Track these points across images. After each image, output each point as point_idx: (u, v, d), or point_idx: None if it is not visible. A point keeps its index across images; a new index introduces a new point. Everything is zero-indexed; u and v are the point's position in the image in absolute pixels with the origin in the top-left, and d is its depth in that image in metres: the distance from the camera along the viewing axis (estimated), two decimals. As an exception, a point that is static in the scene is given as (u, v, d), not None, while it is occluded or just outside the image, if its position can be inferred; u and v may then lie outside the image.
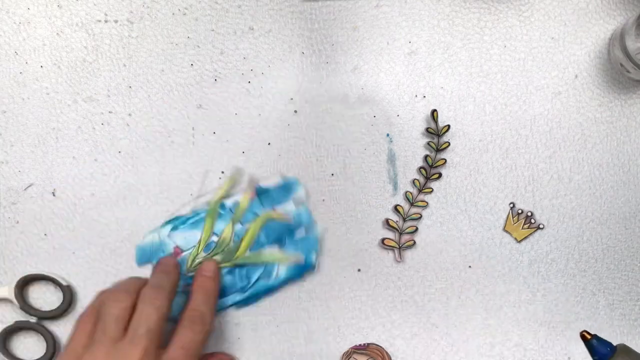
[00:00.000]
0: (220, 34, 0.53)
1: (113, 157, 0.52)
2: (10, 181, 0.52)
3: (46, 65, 0.53)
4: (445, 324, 0.51)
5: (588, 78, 0.54)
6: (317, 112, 0.53)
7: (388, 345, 0.51)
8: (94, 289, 0.51)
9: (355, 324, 0.51)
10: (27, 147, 0.52)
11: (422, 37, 0.54)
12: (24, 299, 0.51)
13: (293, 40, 0.53)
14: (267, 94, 0.53)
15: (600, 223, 0.53)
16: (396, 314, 0.51)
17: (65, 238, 0.52)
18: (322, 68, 0.53)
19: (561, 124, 0.53)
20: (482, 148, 0.53)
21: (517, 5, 0.54)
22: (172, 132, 0.53)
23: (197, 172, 0.52)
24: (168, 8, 0.53)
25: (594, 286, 0.52)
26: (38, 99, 0.52)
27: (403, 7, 0.54)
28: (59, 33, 0.53)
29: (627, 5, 0.54)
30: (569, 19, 0.54)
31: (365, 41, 0.54)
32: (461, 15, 0.54)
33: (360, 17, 0.54)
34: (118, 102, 0.53)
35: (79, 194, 0.52)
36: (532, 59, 0.54)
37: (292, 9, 0.53)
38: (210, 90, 0.53)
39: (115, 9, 0.53)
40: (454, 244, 0.52)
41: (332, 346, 0.51)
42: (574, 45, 0.54)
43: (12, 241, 0.51)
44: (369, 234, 0.52)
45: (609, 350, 0.44)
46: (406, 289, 0.52)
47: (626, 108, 0.54)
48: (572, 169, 0.53)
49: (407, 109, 0.53)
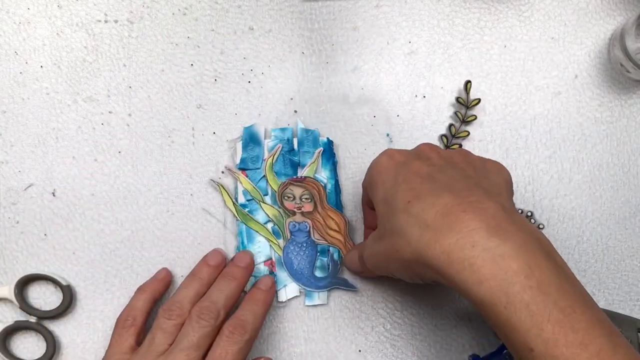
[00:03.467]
0: (220, 34, 0.53)
1: (113, 157, 0.52)
2: (10, 181, 0.52)
3: (46, 65, 0.53)
4: (445, 324, 0.51)
5: (588, 78, 0.54)
6: (317, 112, 0.53)
7: (388, 346, 0.51)
8: (94, 289, 0.51)
9: (355, 324, 0.51)
10: (27, 147, 0.52)
11: (422, 37, 0.54)
12: (24, 298, 0.51)
13: (293, 40, 0.53)
14: (267, 94, 0.53)
15: (600, 223, 0.53)
16: (396, 314, 0.51)
17: (65, 238, 0.52)
18: (322, 68, 0.53)
19: (561, 124, 0.53)
20: (482, 148, 0.53)
21: (517, 5, 0.54)
22: (172, 132, 0.53)
23: (197, 172, 0.52)
24: (168, 8, 0.53)
25: (593, 286, 0.52)
26: (38, 99, 0.52)
27: (403, 7, 0.54)
28: (59, 33, 0.53)
29: (627, 5, 0.54)
30: (569, 19, 0.54)
31: (365, 41, 0.54)
32: (461, 15, 0.54)
33: (360, 17, 0.54)
34: (118, 102, 0.53)
35: (79, 194, 0.52)
36: (532, 59, 0.54)
37: (292, 9, 0.54)
38: (210, 90, 0.53)
39: (115, 9, 0.53)
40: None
41: (332, 346, 0.51)
42: (574, 45, 0.54)
43: (12, 241, 0.51)
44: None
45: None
46: (406, 289, 0.52)
47: (626, 108, 0.54)
48: (572, 169, 0.53)
49: (407, 109, 0.53)
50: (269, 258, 0.51)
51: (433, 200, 0.38)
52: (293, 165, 0.52)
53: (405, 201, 0.39)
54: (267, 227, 0.51)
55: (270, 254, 0.51)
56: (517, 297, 0.34)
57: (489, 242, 0.35)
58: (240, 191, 0.52)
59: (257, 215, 0.51)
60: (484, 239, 0.35)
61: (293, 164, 0.52)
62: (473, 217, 0.36)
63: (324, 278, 0.50)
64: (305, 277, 0.50)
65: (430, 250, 0.36)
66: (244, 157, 0.52)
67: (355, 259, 0.48)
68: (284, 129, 0.52)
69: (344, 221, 0.50)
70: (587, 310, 0.35)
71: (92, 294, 0.51)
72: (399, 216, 0.39)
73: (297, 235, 0.50)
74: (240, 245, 0.51)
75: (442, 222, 0.37)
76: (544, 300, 0.34)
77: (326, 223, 0.50)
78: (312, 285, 0.50)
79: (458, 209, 0.37)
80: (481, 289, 0.35)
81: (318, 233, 0.50)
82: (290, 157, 0.52)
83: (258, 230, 0.51)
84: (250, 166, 0.52)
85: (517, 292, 0.34)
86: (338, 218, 0.50)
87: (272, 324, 0.51)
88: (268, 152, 0.52)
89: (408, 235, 0.38)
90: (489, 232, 0.35)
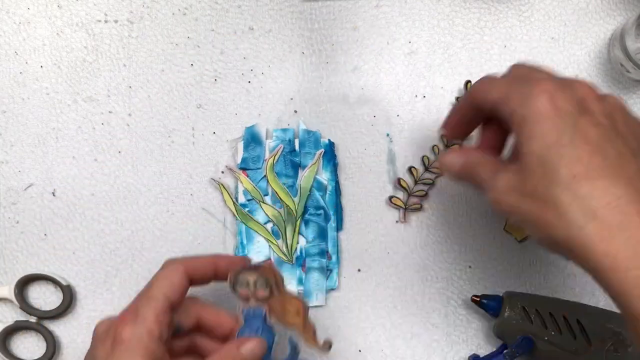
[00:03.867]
0: (220, 34, 0.53)
1: (113, 157, 0.52)
2: (10, 181, 0.52)
3: (46, 65, 0.53)
4: (445, 324, 0.51)
5: (588, 78, 0.54)
6: (317, 112, 0.53)
7: (388, 345, 0.51)
8: (94, 289, 0.51)
9: (355, 324, 0.51)
10: (27, 147, 0.52)
11: (422, 37, 0.54)
12: (24, 298, 0.51)
13: (293, 40, 0.53)
14: (267, 94, 0.53)
15: (600, 223, 0.53)
16: (396, 314, 0.51)
17: (65, 238, 0.52)
18: (322, 68, 0.53)
19: (561, 124, 0.53)
20: (482, 148, 0.53)
21: (517, 5, 0.54)
22: (172, 132, 0.53)
23: (197, 172, 0.52)
24: (168, 8, 0.53)
25: (593, 285, 0.52)
26: (38, 99, 0.52)
27: (403, 7, 0.54)
28: (59, 33, 0.53)
29: (627, 5, 0.54)
30: (569, 19, 0.54)
31: (365, 41, 0.54)
32: (461, 15, 0.54)
33: (360, 17, 0.54)
34: (118, 102, 0.53)
35: (79, 194, 0.52)
36: (532, 59, 0.54)
37: (292, 9, 0.54)
38: (210, 90, 0.53)
39: (115, 9, 0.53)
40: (454, 244, 0.52)
41: (332, 346, 0.51)
42: (574, 45, 0.54)
43: (12, 241, 0.51)
44: (369, 234, 0.52)
45: (498, 302, 0.48)
46: (406, 289, 0.52)
47: (626, 108, 0.54)
48: (572, 169, 0.53)
49: (407, 109, 0.53)
50: (267, 258, 0.51)
51: (605, 187, 0.34)
52: (294, 166, 0.52)
53: (571, 175, 0.35)
54: (267, 228, 0.51)
55: (269, 254, 0.51)
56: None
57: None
58: (240, 191, 0.52)
59: (257, 216, 0.51)
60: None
61: (294, 165, 0.52)
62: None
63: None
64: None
65: (592, 247, 0.34)
66: (245, 156, 0.52)
67: (455, 166, 0.42)
68: (285, 130, 0.52)
69: (302, 304, 0.45)
70: None
71: (92, 294, 0.51)
72: (560, 190, 0.35)
73: (251, 322, 0.44)
74: (239, 245, 0.51)
75: (613, 219, 0.34)
76: None
77: (284, 308, 0.45)
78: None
79: (634, 209, 0.34)
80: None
81: (275, 317, 0.45)
82: (292, 158, 0.52)
83: (257, 231, 0.51)
84: (251, 166, 0.52)
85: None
86: (296, 302, 0.45)
87: (272, 324, 0.51)
88: (269, 153, 0.52)
89: (568, 217, 0.34)
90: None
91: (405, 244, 0.52)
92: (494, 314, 0.49)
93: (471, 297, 0.50)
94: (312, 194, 0.51)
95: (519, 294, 0.49)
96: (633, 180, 0.35)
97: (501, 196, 0.38)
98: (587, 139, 0.35)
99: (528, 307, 0.48)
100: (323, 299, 0.51)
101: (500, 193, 0.38)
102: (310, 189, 0.51)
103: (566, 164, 0.35)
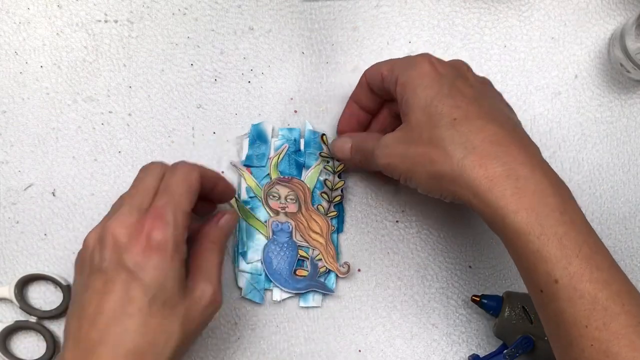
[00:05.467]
0: (220, 34, 0.53)
1: (113, 157, 0.52)
2: (10, 181, 0.52)
3: (46, 65, 0.53)
4: (445, 324, 0.51)
5: (588, 78, 0.54)
6: (317, 112, 0.53)
7: (388, 345, 0.51)
8: (94, 289, 0.51)
9: (355, 324, 0.51)
10: (27, 147, 0.52)
11: (422, 37, 0.54)
12: (23, 298, 0.51)
13: (293, 40, 0.53)
14: (267, 94, 0.53)
15: (600, 223, 0.53)
16: (396, 314, 0.51)
17: (65, 238, 0.52)
18: (322, 68, 0.53)
19: (561, 124, 0.53)
20: (482, 148, 0.53)
21: (517, 5, 0.54)
22: (172, 132, 0.53)
23: (197, 172, 0.52)
24: (168, 8, 0.53)
25: (594, 286, 0.52)
26: (38, 99, 0.52)
27: (403, 7, 0.54)
28: (59, 33, 0.53)
29: (627, 5, 0.54)
30: (569, 19, 0.54)
31: (365, 41, 0.54)
32: (461, 15, 0.54)
33: (360, 17, 0.54)
34: (118, 102, 0.53)
35: (79, 194, 0.52)
36: (532, 59, 0.54)
37: (292, 9, 0.54)
38: (210, 90, 0.53)
39: (115, 9, 0.53)
40: (454, 244, 0.52)
41: (332, 346, 0.51)
42: (574, 45, 0.54)
43: (12, 241, 0.51)
44: (369, 233, 0.52)
45: (498, 302, 0.49)
46: (406, 289, 0.52)
47: (626, 108, 0.54)
48: (572, 169, 0.53)
49: (407, 109, 0.53)
50: None
51: (481, 126, 0.40)
52: (298, 165, 0.52)
53: (452, 117, 0.40)
54: None
55: None
56: (552, 230, 0.37)
57: (532, 176, 0.38)
58: (243, 187, 0.52)
59: (258, 213, 0.51)
60: (528, 173, 0.38)
61: (298, 165, 0.52)
62: (520, 151, 0.39)
63: (302, 280, 0.50)
64: (283, 277, 0.50)
65: (474, 172, 0.38)
66: (250, 154, 0.52)
67: (346, 148, 0.48)
68: (291, 129, 0.52)
69: (327, 224, 0.50)
70: (608, 254, 0.38)
71: (92, 294, 0.51)
72: (443, 130, 0.40)
73: (279, 235, 0.50)
74: (239, 242, 0.51)
75: (490, 149, 0.39)
76: (576, 236, 0.37)
77: (309, 225, 0.50)
78: (289, 287, 0.50)
79: (506, 141, 0.39)
80: (517, 217, 0.37)
81: (300, 234, 0.50)
82: (296, 158, 0.52)
83: (258, 228, 0.51)
84: (256, 163, 0.52)
85: (551, 225, 0.37)
86: (321, 221, 0.50)
87: (271, 324, 0.51)
88: (274, 151, 0.52)
89: (451, 151, 0.39)
90: (533, 168, 0.39)
91: (405, 244, 0.52)
92: (494, 314, 0.49)
93: (471, 297, 0.50)
94: (314, 195, 0.51)
95: (519, 294, 0.49)
96: (505, 124, 0.41)
97: (389, 149, 0.43)
98: (463, 94, 0.41)
99: (528, 307, 0.48)
100: (319, 301, 0.51)
101: (388, 146, 0.43)
102: (312, 190, 0.51)
103: (447, 110, 0.40)
